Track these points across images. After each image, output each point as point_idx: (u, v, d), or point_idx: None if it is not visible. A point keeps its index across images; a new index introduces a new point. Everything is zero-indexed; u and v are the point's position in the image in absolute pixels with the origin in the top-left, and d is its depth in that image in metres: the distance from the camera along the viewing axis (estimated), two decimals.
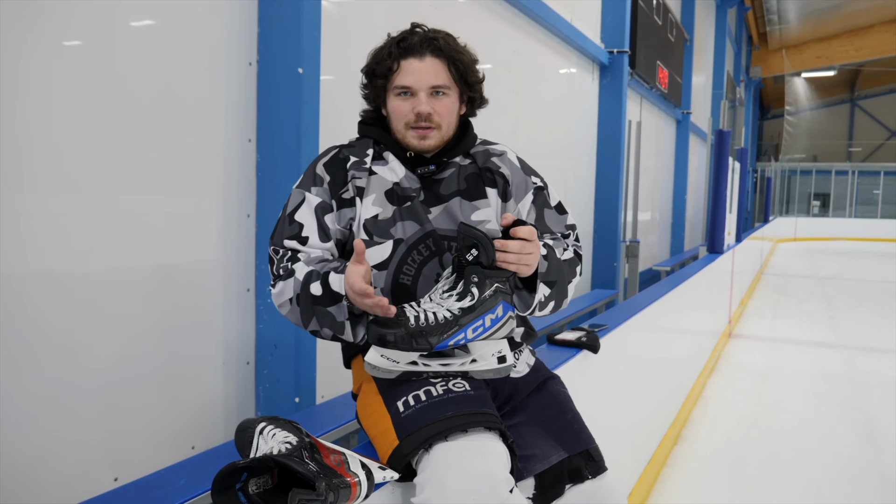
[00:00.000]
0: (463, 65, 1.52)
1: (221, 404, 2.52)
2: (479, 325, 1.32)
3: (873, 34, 21.71)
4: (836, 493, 3.39)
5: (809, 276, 13.29)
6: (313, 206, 1.51)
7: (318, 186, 1.53)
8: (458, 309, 1.31)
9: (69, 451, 2.01)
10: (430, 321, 1.30)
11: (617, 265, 6.61)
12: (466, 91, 1.56)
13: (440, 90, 1.50)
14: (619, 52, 6.66)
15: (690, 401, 4.56)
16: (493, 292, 1.33)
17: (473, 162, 1.60)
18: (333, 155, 1.57)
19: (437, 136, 1.52)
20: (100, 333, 2.08)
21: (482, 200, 1.56)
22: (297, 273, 1.44)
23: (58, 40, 1.92)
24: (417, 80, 1.48)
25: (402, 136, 1.52)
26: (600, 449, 1.52)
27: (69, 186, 1.98)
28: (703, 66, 13.00)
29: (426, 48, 1.49)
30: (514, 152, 1.67)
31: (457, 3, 4.10)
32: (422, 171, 1.54)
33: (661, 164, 10.15)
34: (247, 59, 2.52)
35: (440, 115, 1.50)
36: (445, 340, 1.30)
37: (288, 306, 1.46)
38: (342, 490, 1.11)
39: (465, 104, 1.60)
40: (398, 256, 1.50)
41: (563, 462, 1.46)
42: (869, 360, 6.23)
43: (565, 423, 1.52)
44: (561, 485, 1.45)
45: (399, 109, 1.51)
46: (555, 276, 1.49)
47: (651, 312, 3.31)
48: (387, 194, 1.52)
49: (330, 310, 1.39)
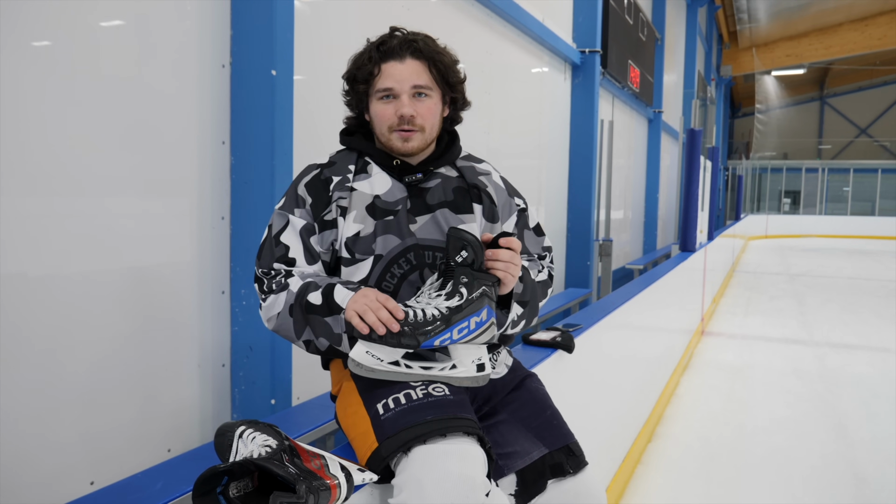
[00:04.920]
0: (444, 65, 1.53)
1: (197, 407, 2.52)
2: (465, 327, 1.35)
3: (842, 33, 22.08)
4: (809, 489, 3.43)
5: (780, 273, 13.50)
6: (298, 230, 1.51)
7: (301, 208, 1.52)
8: (446, 307, 1.33)
9: (45, 454, 2.00)
10: (419, 318, 1.32)
11: (590, 264, 6.67)
12: (448, 92, 1.57)
13: (422, 91, 1.51)
14: (590, 51, 6.72)
15: (664, 398, 4.62)
16: (479, 294, 1.36)
17: (461, 176, 1.61)
18: (315, 175, 1.55)
19: (420, 139, 1.53)
20: (74, 336, 2.07)
21: (468, 215, 1.57)
22: (292, 286, 1.45)
23: (28, 41, 1.91)
24: (399, 82, 1.49)
25: (387, 140, 1.53)
26: (579, 444, 1.55)
27: (44, 188, 1.96)
28: (675, 65, 13.15)
29: (406, 50, 1.50)
30: (497, 172, 1.69)
31: (429, 4, 4.12)
32: (409, 179, 1.54)
33: (633, 163, 10.24)
34: (220, 62, 2.51)
35: (423, 116, 1.51)
36: (432, 339, 1.32)
37: (276, 319, 1.46)
38: (322, 492, 1.12)
39: (448, 106, 1.61)
40: (377, 272, 1.51)
41: (544, 458, 1.49)
42: (839, 356, 6.33)
43: (545, 419, 1.55)
44: (543, 480, 1.47)
45: (382, 113, 1.51)
46: (528, 296, 1.54)
47: (624, 311, 3.35)
48: (367, 209, 1.51)
49: (327, 320, 1.40)
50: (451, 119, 1.65)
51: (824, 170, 28.46)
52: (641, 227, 11.25)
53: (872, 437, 4.14)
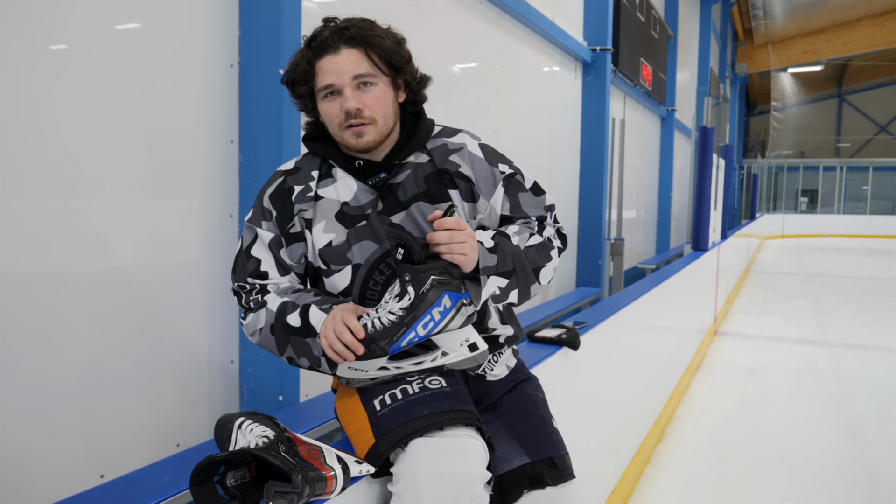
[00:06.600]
0: (382, 49, 1.40)
1: (206, 402, 2.55)
2: (429, 321, 1.32)
3: (861, 28, 21.76)
4: (822, 491, 3.38)
5: (797, 273, 13.36)
6: (266, 243, 1.47)
7: (268, 221, 1.47)
8: (399, 309, 1.30)
9: (57, 448, 2.04)
10: (377, 327, 1.30)
11: (601, 263, 6.64)
12: (395, 75, 1.44)
13: (365, 80, 1.39)
14: (601, 49, 6.70)
15: (675, 398, 4.59)
16: (431, 286, 1.31)
17: (431, 160, 1.49)
18: (278, 185, 1.49)
19: (374, 131, 1.41)
20: (85, 333, 2.10)
21: (446, 203, 1.46)
22: (270, 304, 1.44)
23: (44, 44, 1.94)
24: (338, 76, 1.38)
25: (341, 139, 1.42)
26: (569, 457, 1.50)
27: (56, 188, 2.00)
28: (688, 63, 13.07)
29: (339, 40, 1.38)
30: (476, 140, 1.55)
31: (437, 2, 4.12)
32: (372, 181, 1.45)
33: (645, 162, 10.20)
34: (228, 61, 2.54)
35: (371, 107, 1.39)
36: (397, 342, 1.30)
37: (259, 335, 1.45)
38: (318, 483, 1.14)
39: (404, 90, 1.48)
40: (359, 282, 1.45)
41: (524, 467, 1.44)
42: (856, 357, 6.25)
43: (532, 427, 1.50)
44: (519, 489, 1.44)
45: (329, 112, 1.41)
46: (511, 265, 1.41)
47: (633, 310, 3.34)
48: (337, 217, 1.45)
49: (307, 341, 1.40)
50: (413, 102, 1.51)
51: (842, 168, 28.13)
52: (654, 226, 11.21)
53: (889, 439, 4.09)
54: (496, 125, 4.95)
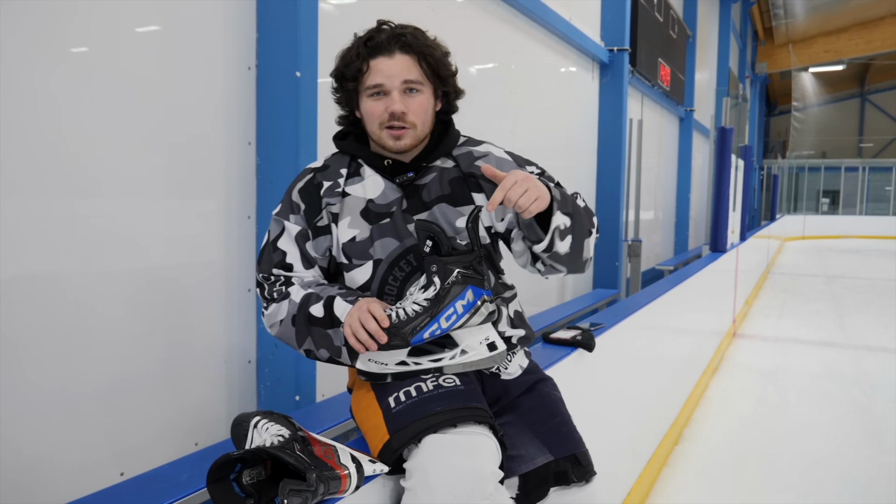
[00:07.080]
0: (434, 59, 1.48)
1: (224, 402, 2.57)
2: (452, 314, 1.34)
3: (884, 27, 21.44)
4: (841, 494, 3.35)
5: (818, 274, 13.22)
6: (293, 235, 1.52)
7: (296, 214, 1.52)
8: (423, 300, 1.33)
9: (77, 447, 2.07)
10: (401, 317, 1.32)
11: (619, 264, 6.62)
12: (440, 86, 1.52)
13: (413, 87, 1.46)
14: (619, 50, 6.68)
15: (692, 400, 4.56)
16: (457, 278, 1.34)
17: (457, 165, 1.55)
18: (308, 180, 1.54)
19: (412, 136, 1.47)
20: (106, 333, 2.13)
21: (468, 206, 1.51)
22: (293, 296, 1.48)
23: (66, 47, 1.98)
24: (389, 78, 1.44)
25: (378, 138, 1.48)
26: (589, 453, 1.53)
27: (76, 190, 2.03)
28: (707, 63, 12.99)
29: (395, 45, 1.44)
30: (501, 148, 1.62)
31: (454, 3, 4.14)
32: (400, 179, 1.51)
33: (663, 163, 10.15)
34: (246, 64, 2.56)
35: (414, 113, 1.46)
36: (420, 333, 1.32)
37: (279, 327, 1.49)
38: (332, 482, 1.16)
39: (441, 100, 1.55)
40: (379, 276, 1.49)
41: (548, 465, 1.47)
42: (877, 359, 6.17)
43: (553, 425, 1.52)
44: (545, 487, 1.46)
45: (372, 110, 1.46)
46: (571, 208, 1.43)
47: (650, 311, 3.33)
48: (362, 214, 1.50)
49: (329, 332, 1.43)
50: (445, 112, 1.59)
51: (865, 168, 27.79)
52: (672, 227, 11.14)
53: None
54: (512, 126, 4.96)
